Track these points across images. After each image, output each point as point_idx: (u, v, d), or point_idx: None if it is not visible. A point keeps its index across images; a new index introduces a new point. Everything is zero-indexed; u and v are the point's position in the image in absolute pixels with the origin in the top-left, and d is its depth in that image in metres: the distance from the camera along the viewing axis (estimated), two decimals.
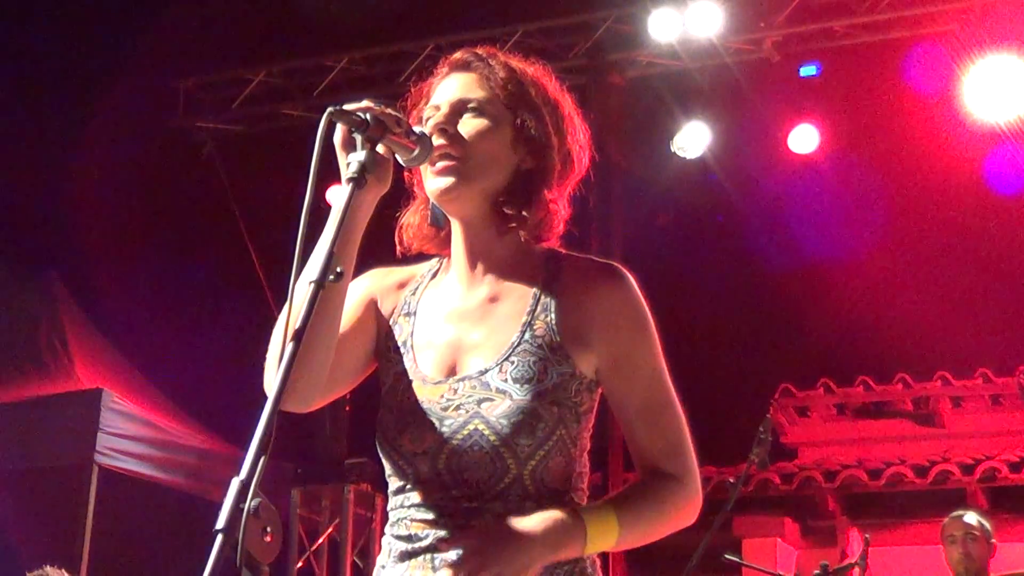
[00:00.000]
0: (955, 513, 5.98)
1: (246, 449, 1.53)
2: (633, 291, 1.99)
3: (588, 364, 1.96)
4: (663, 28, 7.73)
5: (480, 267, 2.02)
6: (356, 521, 7.84)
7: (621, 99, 8.20)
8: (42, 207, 10.81)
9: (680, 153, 8.06)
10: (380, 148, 1.86)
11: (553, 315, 1.96)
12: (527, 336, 1.94)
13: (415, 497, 1.93)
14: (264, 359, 1.95)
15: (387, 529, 1.99)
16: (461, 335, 1.98)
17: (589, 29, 8.15)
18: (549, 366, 1.92)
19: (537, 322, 1.95)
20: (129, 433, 7.55)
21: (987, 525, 5.86)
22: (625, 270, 2.02)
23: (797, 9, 7.71)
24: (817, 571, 5.53)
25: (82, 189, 10.50)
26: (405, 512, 1.94)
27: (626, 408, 1.98)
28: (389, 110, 1.88)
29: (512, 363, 1.92)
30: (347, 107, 1.81)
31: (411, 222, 2.07)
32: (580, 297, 1.97)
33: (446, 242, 2.07)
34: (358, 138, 1.82)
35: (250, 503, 1.48)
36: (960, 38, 7.34)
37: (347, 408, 7.79)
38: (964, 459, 8.88)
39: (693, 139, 8.02)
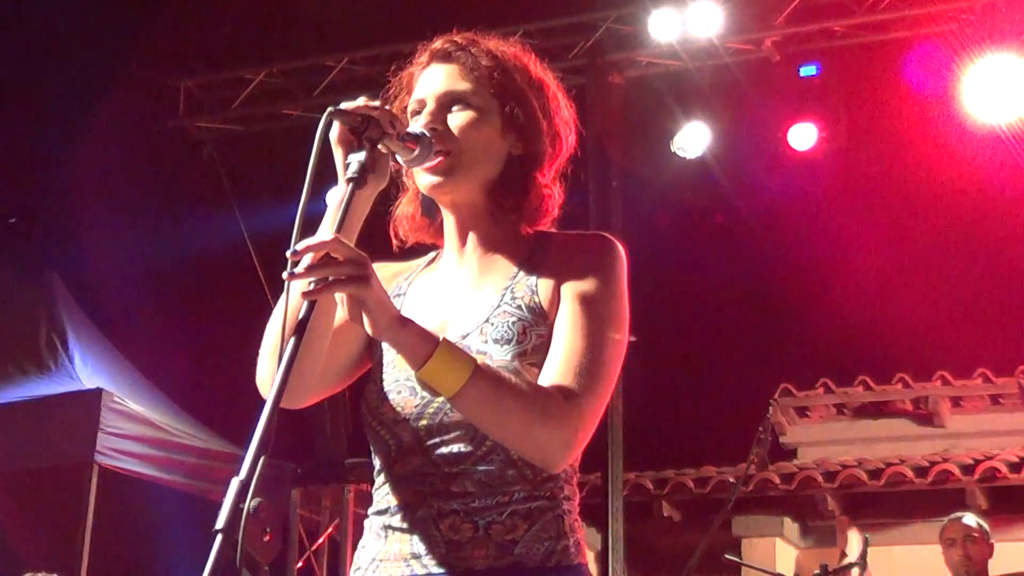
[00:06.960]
0: (953, 515, 5.99)
1: (246, 449, 1.53)
2: (612, 252, 1.95)
3: None
4: (663, 28, 7.72)
5: (471, 249, 2.01)
6: (356, 521, 7.83)
7: (621, 99, 8.18)
8: (42, 207, 10.81)
9: (680, 153, 8.05)
10: (380, 147, 1.85)
11: (535, 278, 1.94)
12: (506, 298, 1.92)
13: (398, 469, 1.90)
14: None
15: (369, 511, 1.96)
16: (447, 308, 1.97)
17: (589, 29, 8.14)
18: (528, 327, 1.88)
19: (518, 286, 1.93)
20: (129, 433, 7.54)
21: (985, 526, 5.88)
22: (616, 240, 1.98)
23: (797, 9, 7.70)
24: (817, 571, 5.54)
25: (82, 189, 10.50)
26: (388, 487, 1.92)
27: (555, 335, 1.87)
28: (388, 108, 1.87)
29: (492, 324, 1.89)
30: (346, 107, 1.80)
31: (405, 213, 2.06)
32: (563, 259, 1.95)
33: (440, 232, 2.06)
34: (357, 138, 1.81)
35: (250, 503, 1.48)
36: (960, 38, 7.34)
37: (347, 408, 7.79)
38: (964, 459, 8.88)
39: (693, 139, 8.01)
